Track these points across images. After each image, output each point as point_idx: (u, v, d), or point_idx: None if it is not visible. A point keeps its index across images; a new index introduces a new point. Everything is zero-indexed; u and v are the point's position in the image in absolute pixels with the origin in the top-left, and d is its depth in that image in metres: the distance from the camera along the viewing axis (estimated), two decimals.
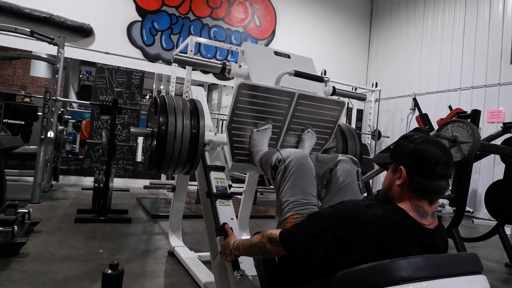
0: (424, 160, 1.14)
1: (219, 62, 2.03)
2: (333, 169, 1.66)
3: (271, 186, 5.80)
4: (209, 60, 2.20)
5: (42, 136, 4.46)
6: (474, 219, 5.89)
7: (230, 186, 2.70)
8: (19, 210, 2.90)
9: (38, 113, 6.80)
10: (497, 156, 5.54)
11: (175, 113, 1.90)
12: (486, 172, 6.36)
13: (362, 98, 2.53)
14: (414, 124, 7.37)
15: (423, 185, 1.13)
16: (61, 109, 5.25)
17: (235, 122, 1.89)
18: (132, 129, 2.08)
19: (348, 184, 1.61)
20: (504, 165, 3.54)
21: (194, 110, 1.98)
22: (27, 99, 8.11)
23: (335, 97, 2.22)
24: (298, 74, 1.92)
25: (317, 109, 2.04)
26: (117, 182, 6.09)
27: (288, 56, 2.19)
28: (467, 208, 6.03)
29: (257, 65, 2.05)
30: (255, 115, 1.91)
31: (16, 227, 2.55)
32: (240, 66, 2.04)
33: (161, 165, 1.94)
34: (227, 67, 2.00)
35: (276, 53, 2.17)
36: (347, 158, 1.69)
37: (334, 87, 2.29)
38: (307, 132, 2.06)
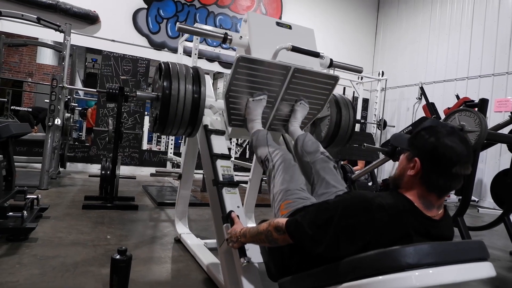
0: (441, 158, 1.10)
1: (221, 32, 2.08)
2: (312, 167, 1.87)
3: None
4: (211, 29, 2.25)
5: (50, 123, 4.49)
6: (479, 208, 5.86)
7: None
8: (28, 196, 2.94)
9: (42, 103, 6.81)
10: (504, 146, 5.50)
11: (178, 78, 1.99)
12: (492, 161, 6.33)
13: (358, 71, 2.54)
14: (420, 113, 7.32)
15: (435, 182, 1.12)
16: (68, 97, 5.27)
17: (232, 91, 2.01)
18: (139, 93, 2.19)
19: (329, 177, 1.79)
20: (511, 154, 3.52)
21: (196, 76, 2.07)
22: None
23: (329, 72, 2.29)
24: (295, 49, 1.98)
25: (311, 82, 2.14)
26: (123, 170, 6.15)
27: (290, 27, 2.23)
28: (473, 197, 6.01)
29: (258, 36, 2.11)
30: (251, 86, 2.02)
31: (25, 212, 2.59)
32: (241, 37, 2.10)
33: (165, 126, 2.04)
34: (228, 37, 2.06)
35: (278, 23, 2.21)
36: (321, 157, 1.89)
37: (331, 59, 2.32)
38: (300, 103, 2.18)
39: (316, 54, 2.11)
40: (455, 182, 1.12)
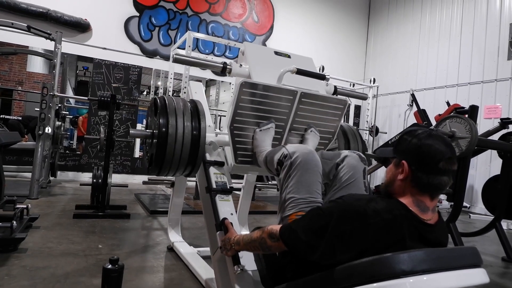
0: (427, 155, 1.13)
1: (220, 62, 2.01)
2: (339, 164, 1.64)
3: (270, 182, 5.82)
4: (209, 60, 2.18)
5: (40, 132, 4.44)
6: (471, 214, 5.93)
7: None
8: (17, 206, 2.89)
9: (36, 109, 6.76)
10: (494, 152, 5.57)
11: (176, 114, 1.86)
12: (483, 167, 6.40)
13: (363, 98, 2.53)
14: (412, 120, 7.40)
15: (425, 181, 1.13)
16: (59, 105, 5.23)
17: (237, 122, 1.87)
18: (132, 131, 2.03)
19: (354, 182, 1.59)
20: (501, 160, 3.56)
21: (195, 111, 1.94)
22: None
23: (337, 96, 2.22)
24: (300, 71, 1.91)
25: (320, 108, 2.03)
26: (115, 178, 6.08)
27: (289, 56, 2.18)
28: (464, 203, 6.06)
29: (258, 65, 2.04)
30: (257, 115, 1.89)
31: (14, 222, 2.54)
32: (241, 65, 2.03)
33: (162, 168, 1.90)
34: (227, 66, 1.98)
35: (277, 53, 2.16)
36: (354, 154, 1.67)
37: (335, 87, 2.29)
38: (310, 131, 2.04)
39: (322, 77, 2.06)
40: (445, 178, 1.14)
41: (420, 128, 1.22)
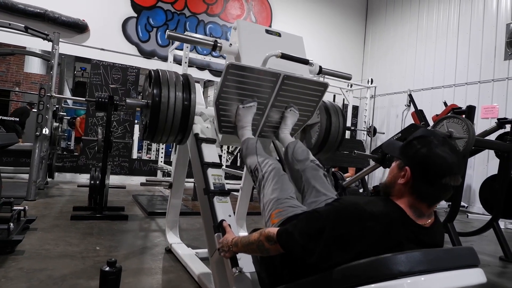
0: (432, 168, 1.10)
1: (211, 40, 2.08)
2: (302, 176, 1.87)
3: None
4: (202, 37, 2.28)
5: (37, 133, 4.43)
6: (468, 214, 5.94)
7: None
8: (14, 208, 2.88)
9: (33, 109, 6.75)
10: (491, 152, 5.59)
11: (168, 85, 1.99)
12: (480, 167, 6.41)
13: (347, 77, 2.56)
14: (409, 120, 7.41)
15: (425, 191, 1.13)
16: (56, 106, 5.21)
17: (222, 98, 2.02)
18: (128, 100, 2.17)
19: (319, 185, 1.79)
20: (498, 160, 3.57)
21: (186, 83, 2.07)
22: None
23: (319, 78, 2.31)
24: (284, 56, 2.00)
25: (301, 89, 2.15)
26: (113, 179, 6.08)
27: (279, 35, 2.25)
28: (462, 203, 6.08)
29: (247, 44, 2.12)
30: (241, 93, 2.03)
31: (12, 224, 2.53)
32: (231, 44, 2.11)
33: (155, 134, 2.05)
34: (218, 44, 2.06)
35: (268, 31, 2.22)
36: (311, 165, 1.90)
37: (320, 66, 2.34)
38: (290, 110, 2.19)
39: (305, 61, 2.13)
40: (445, 193, 1.13)
41: (432, 136, 1.16)
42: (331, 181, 1.99)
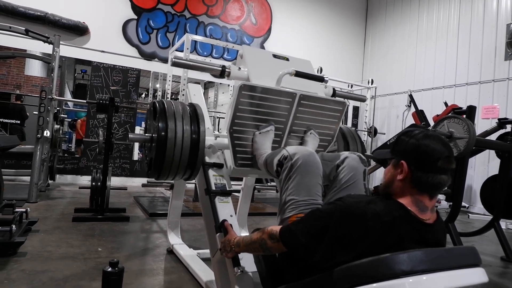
0: (425, 154, 1.14)
1: (218, 65, 2.00)
2: (339, 166, 1.64)
3: (269, 184, 5.81)
4: (208, 63, 2.15)
5: (39, 135, 4.44)
6: (469, 214, 5.94)
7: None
8: (16, 210, 2.88)
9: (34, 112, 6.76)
10: (492, 152, 5.59)
11: (175, 118, 1.84)
12: (481, 167, 6.41)
13: (362, 100, 2.54)
14: (410, 121, 7.42)
15: (425, 180, 1.14)
16: (57, 108, 5.22)
17: (236, 125, 1.87)
18: (131, 135, 2.01)
19: (354, 183, 1.60)
20: (499, 160, 3.57)
21: (194, 114, 1.93)
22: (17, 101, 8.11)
23: (336, 98, 2.22)
24: (299, 74, 1.92)
25: (319, 110, 2.04)
26: (114, 181, 6.08)
27: (287, 59, 2.18)
28: (463, 203, 6.07)
29: (256, 68, 2.04)
30: (256, 117, 1.90)
31: (14, 226, 2.54)
32: (239, 68, 2.03)
33: (161, 171, 1.89)
34: (226, 70, 1.98)
35: (275, 56, 2.17)
36: (354, 155, 1.68)
37: (334, 89, 2.28)
38: (310, 133, 2.04)
39: (320, 78, 2.06)
40: (444, 177, 1.14)
41: (416, 129, 1.23)
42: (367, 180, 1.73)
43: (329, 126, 2.13)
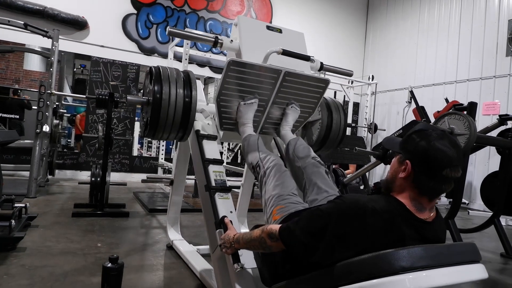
0: (432, 161, 1.11)
1: (212, 36, 2.08)
2: (303, 172, 1.86)
3: None
4: (202, 34, 2.29)
5: (38, 130, 4.43)
6: (469, 211, 5.94)
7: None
8: (15, 205, 2.88)
9: (34, 107, 6.74)
10: (492, 149, 5.59)
11: (169, 82, 1.99)
12: (481, 164, 6.41)
13: (348, 74, 2.55)
14: (410, 117, 7.40)
15: (426, 185, 1.13)
16: (56, 103, 5.20)
17: (223, 95, 2.02)
18: (129, 97, 2.17)
19: (320, 182, 1.78)
20: (499, 156, 3.56)
21: (187, 80, 2.07)
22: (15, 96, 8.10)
23: (319, 75, 2.28)
24: (285, 53, 1.99)
25: (302, 86, 2.15)
26: (114, 176, 6.08)
27: (280, 31, 2.24)
28: (463, 200, 6.08)
29: (248, 40, 2.12)
30: (242, 89, 2.03)
31: (13, 221, 2.53)
32: (232, 41, 2.10)
33: (156, 130, 2.05)
34: (219, 41, 2.06)
35: (268, 27, 2.22)
36: (312, 162, 1.89)
37: (321, 63, 2.32)
38: (291, 106, 2.19)
39: (306, 58, 2.13)
40: (446, 185, 1.13)
41: (431, 130, 1.18)
42: (332, 178, 1.98)
43: (311, 100, 2.26)
